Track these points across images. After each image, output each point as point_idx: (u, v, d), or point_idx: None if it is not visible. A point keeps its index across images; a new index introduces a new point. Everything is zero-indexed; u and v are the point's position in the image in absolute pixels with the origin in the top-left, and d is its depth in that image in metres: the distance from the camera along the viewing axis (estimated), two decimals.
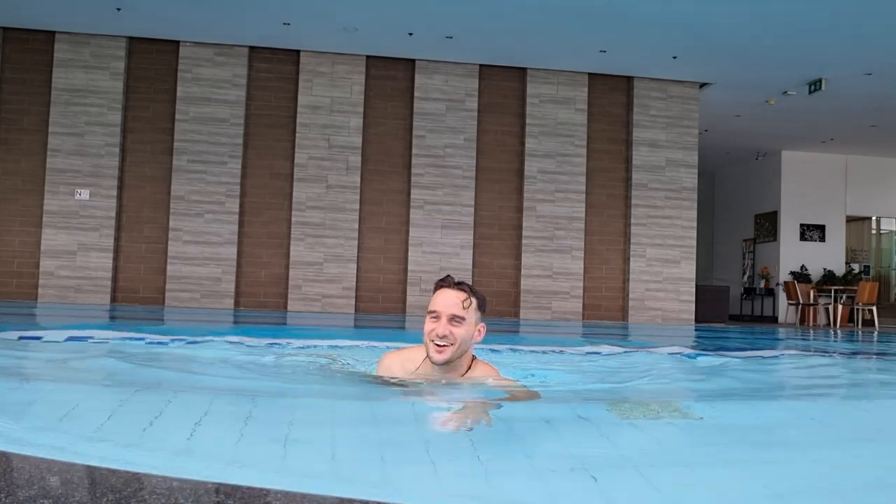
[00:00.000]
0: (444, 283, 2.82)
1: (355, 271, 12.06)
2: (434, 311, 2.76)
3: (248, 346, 4.70)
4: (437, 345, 2.72)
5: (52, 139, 11.57)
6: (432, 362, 2.76)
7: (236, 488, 1.09)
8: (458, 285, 2.81)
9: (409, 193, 12.31)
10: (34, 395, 2.29)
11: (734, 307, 17.61)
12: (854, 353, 6.85)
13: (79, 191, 11.54)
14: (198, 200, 11.80)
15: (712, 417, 2.47)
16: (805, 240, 17.28)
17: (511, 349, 5.39)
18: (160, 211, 11.81)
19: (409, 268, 12.19)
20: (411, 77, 12.40)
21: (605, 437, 1.96)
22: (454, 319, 2.73)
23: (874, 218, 18.74)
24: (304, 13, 10.63)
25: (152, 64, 11.93)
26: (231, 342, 4.80)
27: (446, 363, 2.74)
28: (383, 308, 12.11)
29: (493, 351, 4.64)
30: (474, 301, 2.80)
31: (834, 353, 6.58)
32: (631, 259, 12.65)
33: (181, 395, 2.45)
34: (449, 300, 2.75)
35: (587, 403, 2.73)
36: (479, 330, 2.87)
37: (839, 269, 17.08)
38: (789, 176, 17.24)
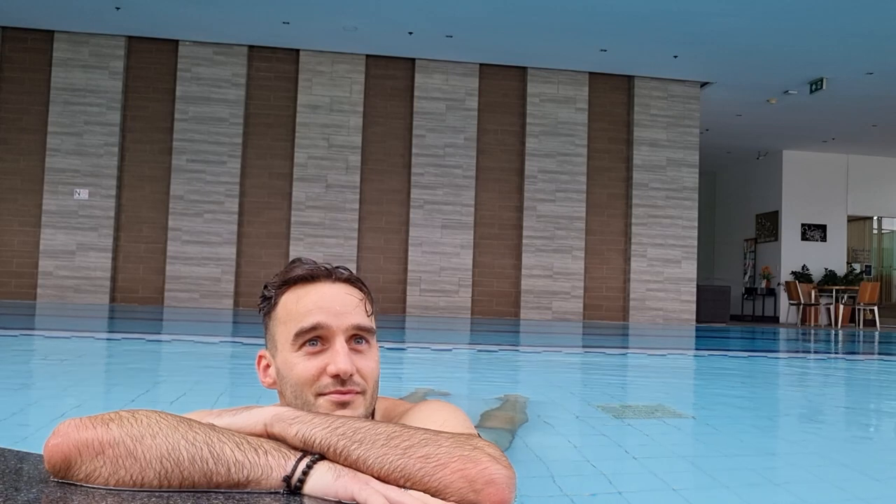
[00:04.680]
0: (316, 268, 1.35)
1: (355, 271, 11.99)
2: (315, 327, 1.26)
3: None
4: (341, 392, 1.24)
5: (50, 139, 11.55)
6: None
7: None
8: (340, 271, 1.38)
9: (409, 193, 12.28)
10: None
11: (735, 307, 17.57)
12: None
13: (78, 190, 11.52)
14: (197, 200, 11.78)
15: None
16: (806, 239, 17.23)
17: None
18: (159, 211, 11.79)
19: (409, 268, 12.16)
20: (411, 76, 12.37)
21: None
22: (357, 340, 1.29)
23: (875, 218, 18.69)
24: (304, 12, 10.60)
25: (151, 63, 11.91)
26: None
27: None
28: (383, 308, 12.08)
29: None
30: (369, 300, 1.39)
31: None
32: (632, 259, 12.62)
33: None
34: (342, 300, 1.31)
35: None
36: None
37: (840, 269, 17.03)
38: (790, 175, 17.19)
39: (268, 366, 1.32)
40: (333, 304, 1.29)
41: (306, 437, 1.04)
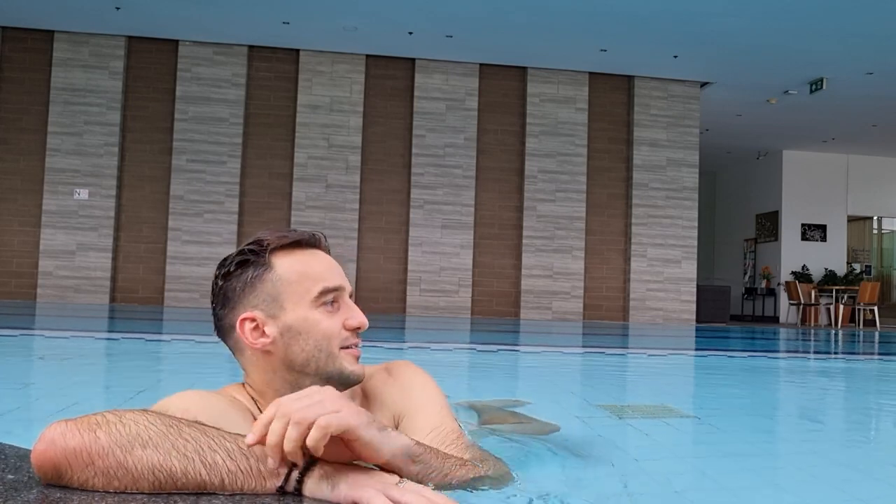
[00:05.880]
0: (312, 236, 1.41)
1: (355, 271, 12.03)
2: (338, 287, 1.37)
3: None
4: (357, 347, 1.39)
5: (50, 139, 11.55)
6: (354, 380, 1.38)
7: None
8: (324, 241, 1.45)
9: (409, 193, 12.28)
10: None
11: (735, 307, 17.57)
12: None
13: (78, 190, 11.52)
14: (197, 200, 11.78)
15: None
16: (806, 239, 17.23)
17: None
18: (159, 211, 11.78)
19: (409, 268, 12.16)
20: (411, 76, 12.37)
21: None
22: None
23: (875, 218, 18.69)
24: (304, 12, 10.60)
25: (151, 63, 11.90)
26: None
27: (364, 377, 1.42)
28: (383, 308, 12.08)
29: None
30: None
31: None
32: (632, 259, 12.62)
33: None
34: (338, 267, 1.42)
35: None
36: None
37: (840, 269, 17.03)
38: (790, 175, 17.19)
39: (257, 327, 1.33)
40: (338, 269, 1.41)
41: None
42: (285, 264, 1.35)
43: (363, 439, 1.05)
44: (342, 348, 1.35)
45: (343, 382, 1.35)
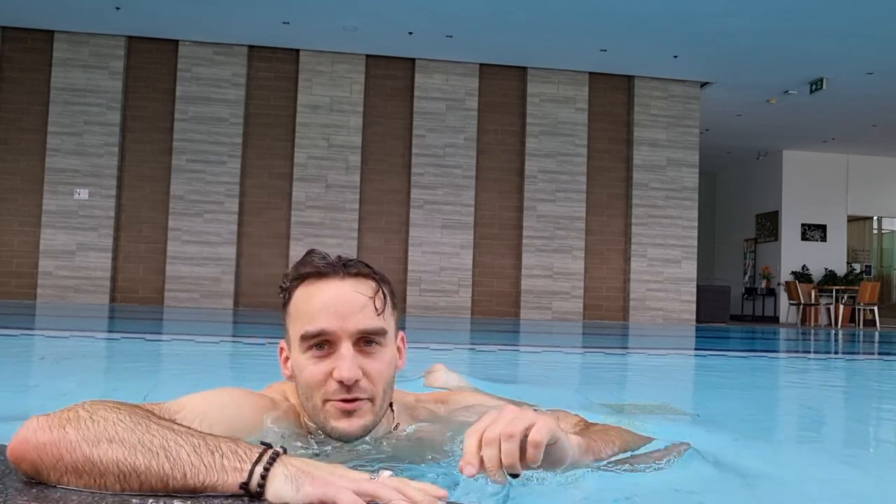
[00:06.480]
0: (326, 264, 1.32)
1: None
2: (319, 333, 1.25)
3: None
4: (346, 401, 1.24)
5: (50, 139, 11.54)
6: (337, 437, 1.26)
7: None
8: (352, 266, 1.33)
9: (409, 193, 12.27)
10: None
11: (735, 307, 17.56)
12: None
13: (78, 190, 11.51)
14: (197, 200, 11.77)
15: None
16: (806, 239, 17.23)
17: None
18: (159, 211, 11.78)
19: (409, 268, 12.16)
20: (411, 76, 12.37)
21: None
22: (366, 342, 1.27)
23: (875, 218, 18.69)
24: (304, 12, 10.60)
25: (151, 63, 11.90)
26: None
27: (364, 435, 1.28)
28: None
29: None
30: (387, 293, 1.35)
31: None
32: (632, 259, 12.62)
33: None
34: (348, 301, 1.27)
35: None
36: (399, 347, 1.40)
37: (840, 269, 17.03)
38: (790, 175, 17.19)
39: (287, 358, 1.35)
40: (339, 306, 1.26)
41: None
42: (294, 299, 1.31)
43: (561, 441, 1.15)
44: (326, 401, 1.25)
45: (331, 437, 1.27)
